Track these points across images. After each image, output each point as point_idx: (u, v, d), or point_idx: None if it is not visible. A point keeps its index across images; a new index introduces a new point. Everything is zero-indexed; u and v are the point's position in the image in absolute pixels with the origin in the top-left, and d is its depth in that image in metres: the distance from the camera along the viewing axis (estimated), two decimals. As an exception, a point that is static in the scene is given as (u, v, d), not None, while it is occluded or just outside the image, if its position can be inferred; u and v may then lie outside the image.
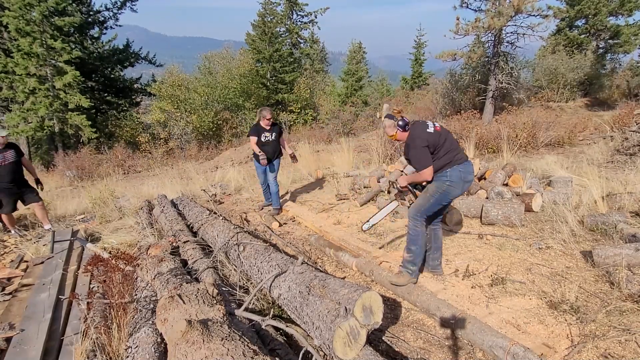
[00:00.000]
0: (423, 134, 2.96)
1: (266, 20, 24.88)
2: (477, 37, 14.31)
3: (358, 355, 2.01)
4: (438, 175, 3.00)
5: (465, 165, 3.02)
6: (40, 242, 4.79)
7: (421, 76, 30.85)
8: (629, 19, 20.18)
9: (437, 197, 3.00)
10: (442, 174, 2.99)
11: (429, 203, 3.03)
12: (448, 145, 3.01)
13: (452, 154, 3.00)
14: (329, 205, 5.74)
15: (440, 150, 2.98)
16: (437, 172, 2.99)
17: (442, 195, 3.00)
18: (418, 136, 2.96)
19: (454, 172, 2.97)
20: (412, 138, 3.00)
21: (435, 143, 2.96)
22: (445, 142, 3.00)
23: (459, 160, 3.00)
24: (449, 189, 2.98)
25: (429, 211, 3.07)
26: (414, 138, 2.97)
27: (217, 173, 9.69)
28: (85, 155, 15.62)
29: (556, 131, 9.42)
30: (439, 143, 2.97)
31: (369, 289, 2.16)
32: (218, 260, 3.64)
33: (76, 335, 2.67)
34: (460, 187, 3.01)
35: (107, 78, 20.99)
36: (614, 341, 2.31)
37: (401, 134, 3.08)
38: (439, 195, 3.00)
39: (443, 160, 2.98)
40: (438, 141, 2.97)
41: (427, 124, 3.07)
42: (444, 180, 2.98)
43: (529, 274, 3.22)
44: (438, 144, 2.97)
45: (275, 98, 24.48)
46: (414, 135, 2.99)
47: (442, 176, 2.99)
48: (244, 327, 2.44)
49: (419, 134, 2.97)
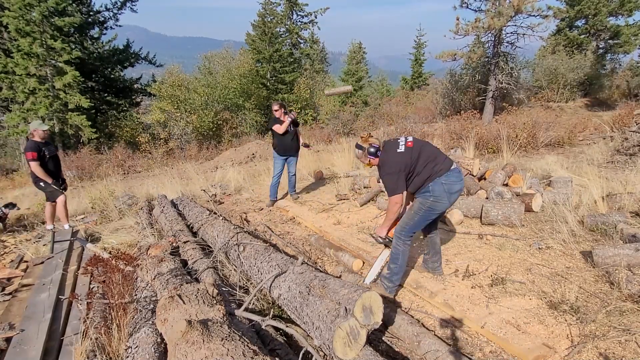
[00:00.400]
0: (393, 157, 2.82)
1: (266, 20, 24.89)
2: (477, 37, 14.33)
3: (358, 355, 2.01)
4: (421, 191, 2.85)
5: (448, 176, 2.81)
6: (40, 242, 4.80)
7: (421, 76, 30.90)
8: (629, 19, 20.22)
9: (422, 215, 2.86)
10: (424, 190, 2.83)
11: (414, 221, 2.89)
12: (424, 158, 2.83)
13: (431, 166, 2.81)
14: (329, 206, 5.74)
15: (416, 166, 2.81)
16: (419, 189, 2.85)
17: (427, 212, 2.85)
18: (387, 161, 2.83)
19: (436, 186, 2.79)
20: (381, 164, 2.89)
21: (408, 162, 2.80)
22: (419, 157, 2.82)
23: (441, 172, 2.81)
24: (433, 205, 2.82)
25: (414, 229, 2.93)
26: (383, 164, 2.86)
27: (217, 173, 9.70)
28: (85, 155, 15.63)
29: (556, 131, 9.42)
30: (412, 160, 2.81)
31: (369, 289, 2.16)
32: (218, 260, 3.64)
33: (76, 335, 2.67)
34: (447, 200, 2.83)
35: (107, 78, 20.99)
36: (614, 341, 2.31)
37: (375, 160, 2.95)
38: (424, 212, 2.85)
39: (422, 175, 2.81)
40: (410, 159, 2.80)
41: (398, 143, 2.90)
42: (427, 196, 2.82)
43: (529, 274, 3.22)
44: (411, 162, 2.81)
45: (275, 98, 24.48)
46: (383, 160, 2.87)
47: (424, 192, 2.83)
48: (244, 327, 2.44)
49: (388, 157, 2.84)
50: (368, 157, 2.93)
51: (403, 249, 2.93)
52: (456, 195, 2.88)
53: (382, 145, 2.94)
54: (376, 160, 2.94)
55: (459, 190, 2.88)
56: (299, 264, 2.77)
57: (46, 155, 5.08)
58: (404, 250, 2.93)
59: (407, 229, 2.91)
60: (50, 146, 5.24)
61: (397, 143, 2.89)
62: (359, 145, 2.97)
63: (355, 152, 3.04)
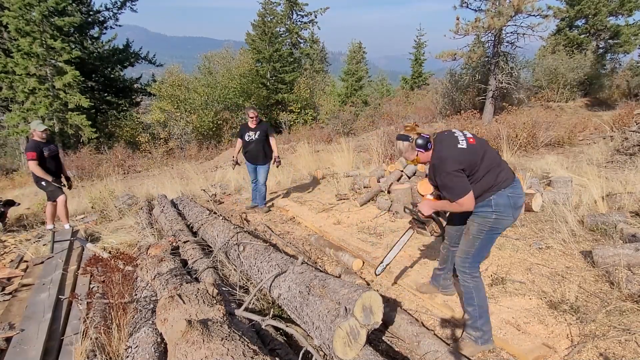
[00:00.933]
0: (453, 151, 2.23)
1: (266, 20, 24.91)
2: (477, 37, 14.34)
3: (358, 355, 2.01)
4: (479, 206, 2.28)
5: (514, 187, 2.28)
6: (40, 242, 4.80)
7: (421, 76, 30.89)
8: (629, 19, 20.22)
9: (485, 238, 2.32)
10: (484, 204, 2.27)
11: (476, 248, 2.35)
12: (488, 162, 2.25)
13: (495, 173, 2.25)
14: (329, 205, 5.74)
15: (479, 170, 2.23)
16: (476, 200, 2.26)
17: (489, 233, 2.31)
18: (447, 157, 2.23)
19: (500, 199, 2.24)
20: (439, 159, 2.26)
21: (471, 162, 2.22)
22: (483, 160, 2.24)
23: (507, 182, 2.26)
24: (497, 223, 2.27)
25: (479, 258, 2.40)
26: (443, 160, 2.24)
27: (217, 173, 9.70)
28: (85, 155, 15.64)
29: (556, 131, 9.42)
30: (477, 161, 2.23)
31: (369, 288, 2.16)
32: (218, 260, 3.64)
33: (76, 335, 2.67)
34: (512, 215, 2.29)
35: (107, 78, 21.00)
36: (614, 341, 2.31)
37: (424, 155, 2.36)
38: (486, 234, 2.31)
39: (483, 184, 2.24)
40: (475, 160, 2.23)
41: (457, 136, 2.31)
42: (488, 213, 2.27)
43: (529, 274, 3.22)
44: (475, 165, 2.23)
45: (275, 98, 24.50)
46: (442, 155, 2.25)
47: (484, 206, 2.27)
48: (244, 327, 2.44)
49: (449, 153, 2.24)
50: (416, 149, 2.35)
51: (475, 285, 2.37)
52: (520, 211, 2.37)
53: (433, 136, 2.39)
54: (427, 155, 2.35)
55: (522, 205, 2.43)
56: (299, 263, 2.77)
57: (46, 154, 5.08)
58: (476, 286, 2.37)
59: (471, 260, 2.37)
60: (51, 145, 5.24)
61: (454, 137, 2.31)
62: (403, 135, 2.38)
63: (397, 146, 2.43)
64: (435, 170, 2.30)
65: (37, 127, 5.04)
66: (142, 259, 3.31)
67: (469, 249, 2.37)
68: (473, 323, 2.38)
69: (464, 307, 2.47)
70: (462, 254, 2.42)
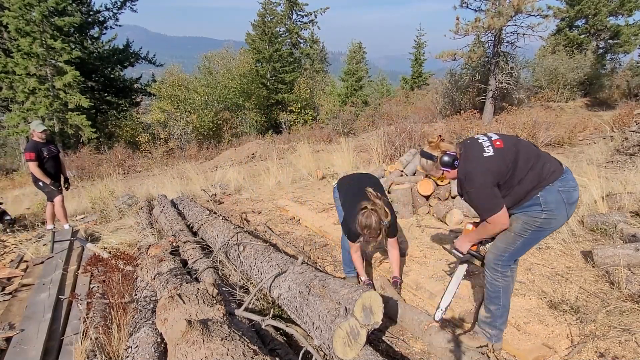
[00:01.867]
0: (479, 163, 2.04)
1: (266, 20, 24.93)
2: (477, 37, 14.35)
3: (358, 355, 2.01)
4: (523, 206, 2.06)
5: (564, 180, 2.03)
6: (40, 242, 4.80)
7: (421, 76, 30.92)
8: (629, 19, 20.24)
9: (529, 237, 2.09)
10: (530, 203, 2.03)
11: (515, 246, 2.13)
12: (524, 159, 2.04)
13: (538, 168, 2.03)
14: (329, 205, 5.74)
15: (515, 173, 2.03)
16: (520, 203, 2.06)
17: (535, 233, 2.08)
18: (472, 171, 2.04)
19: (549, 196, 2.00)
20: (463, 176, 2.09)
21: (502, 170, 2.01)
22: (517, 160, 2.03)
23: (554, 175, 2.02)
24: (546, 222, 2.04)
25: (515, 256, 2.20)
26: (467, 176, 2.06)
27: (217, 173, 9.70)
28: (85, 155, 15.65)
29: (556, 131, 9.43)
30: (508, 166, 2.02)
31: (369, 288, 2.16)
32: (218, 260, 3.64)
33: (76, 335, 2.67)
34: (565, 212, 2.04)
35: (107, 78, 21.02)
36: (614, 341, 2.31)
37: (451, 174, 2.18)
38: (531, 234, 2.08)
39: (526, 184, 2.02)
40: (505, 165, 2.02)
41: (481, 144, 2.10)
42: (535, 212, 2.03)
43: (529, 274, 3.22)
44: (507, 169, 2.02)
45: (275, 98, 24.51)
46: (466, 171, 2.07)
47: (531, 206, 2.04)
48: (244, 327, 2.44)
49: (474, 166, 2.05)
50: (441, 169, 2.17)
51: (503, 285, 2.21)
52: (574, 206, 2.09)
53: (459, 150, 2.17)
54: (453, 173, 2.17)
55: (577, 199, 2.11)
56: (299, 263, 2.77)
57: (45, 155, 5.07)
58: (505, 287, 2.21)
59: (506, 258, 2.17)
60: (51, 146, 5.23)
61: (479, 145, 2.11)
62: (427, 153, 2.21)
63: (421, 163, 2.27)
64: (462, 186, 2.12)
65: (37, 128, 5.03)
66: (142, 259, 3.31)
67: (507, 247, 2.14)
68: (493, 322, 2.29)
69: (484, 303, 2.33)
70: (497, 250, 2.19)
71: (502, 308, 2.25)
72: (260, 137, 19.72)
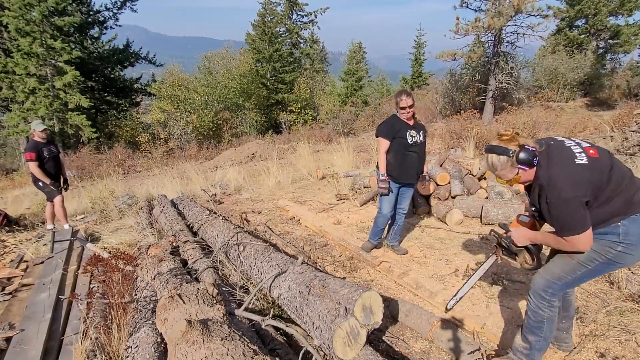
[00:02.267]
0: (570, 170, 1.70)
1: (266, 20, 24.93)
2: (477, 37, 14.34)
3: (358, 355, 2.01)
4: (601, 232, 1.75)
5: None
6: (40, 242, 4.80)
7: (421, 76, 30.92)
8: (629, 19, 20.24)
9: (594, 268, 1.80)
10: (608, 230, 1.74)
11: (575, 276, 1.84)
12: (618, 179, 1.71)
13: (629, 193, 1.71)
14: (329, 205, 5.74)
15: (605, 191, 1.70)
16: (598, 226, 1.74)
17: (602, 265, 1.78)
18: (562, 177, 1.69)
19: (634, 227, 1.70)
20: (549, 180, 1.72)
21: (596, 184, 1.69)
22: (612, 177, 1.70)
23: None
24: (619, 256, 1.74)
25: (571, 286, 1.94)
26: (551, 181, 1.71)
27: (217, 173, 9.70)
28: (85, 155, 15.65)
29: (556, 131, 9.44)
30: (603, 182, 1.70)
31: (369, 288, 2.16)
32: (218, 260, 3.64)
33: (76, 335, 2.67)
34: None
35: (107, 78, 21.02)
36: (614, 341, 2.32)
37: (527, 174, 1.81)
38: (598, 265, 1.78)
39: (612, 207, 1.71)
40: (600, 179, 1.69)
41: (570, 148, 1.77)
42: (612, 242, 1.73)
43: (529, 274, 3.21)
44: (601, 184, 1.69)
45: (275, 98, 24.51)
46: (553, 174, 1.71)
47: (609, 234, 1.74)
48: (244, 327, 2.44)
49: (564, 172, 1.70)
50: (517, 167, 1.78)
51: (549, 315, 1.93)
52: None
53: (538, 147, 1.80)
54: (531, 173, 1.80)
55: None
56: (299, 263, 2.77)
57: (45, 155, 5.07)
58: (550, 317, 1.94)
59: (559, 287, 1.89)
60: (51, 146, 5.23)
61: (567, 148, 1.78)
62: (499, 147, 1.81)
63: (489, 161, 1.86)
64: (541, 194, 1.75)
65: (37, 128, 5.03)
66: (142, 259, 3.31)
67: (564, 275, 1.85)
68: (530, 354, 2.02)
69: (523, 331, 2.06)
70: (550, 275, 1.89)
71: (542, 341, 1.98)
72: (260, 137, 19.73)
